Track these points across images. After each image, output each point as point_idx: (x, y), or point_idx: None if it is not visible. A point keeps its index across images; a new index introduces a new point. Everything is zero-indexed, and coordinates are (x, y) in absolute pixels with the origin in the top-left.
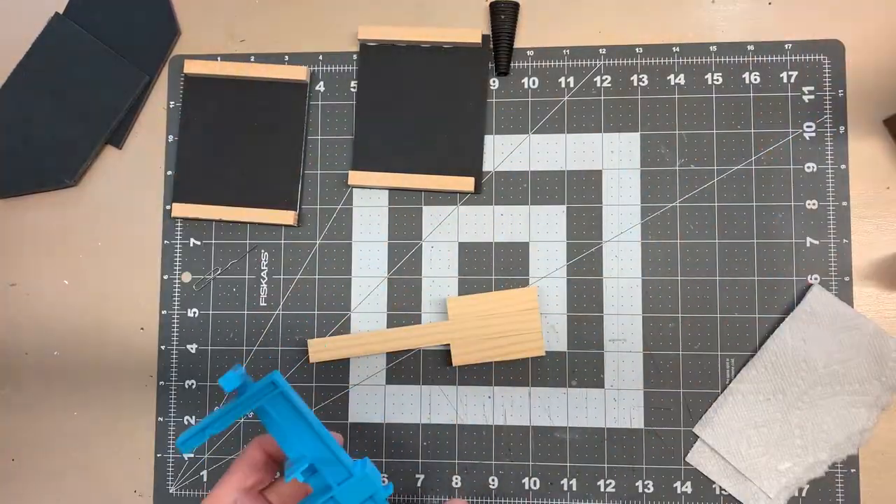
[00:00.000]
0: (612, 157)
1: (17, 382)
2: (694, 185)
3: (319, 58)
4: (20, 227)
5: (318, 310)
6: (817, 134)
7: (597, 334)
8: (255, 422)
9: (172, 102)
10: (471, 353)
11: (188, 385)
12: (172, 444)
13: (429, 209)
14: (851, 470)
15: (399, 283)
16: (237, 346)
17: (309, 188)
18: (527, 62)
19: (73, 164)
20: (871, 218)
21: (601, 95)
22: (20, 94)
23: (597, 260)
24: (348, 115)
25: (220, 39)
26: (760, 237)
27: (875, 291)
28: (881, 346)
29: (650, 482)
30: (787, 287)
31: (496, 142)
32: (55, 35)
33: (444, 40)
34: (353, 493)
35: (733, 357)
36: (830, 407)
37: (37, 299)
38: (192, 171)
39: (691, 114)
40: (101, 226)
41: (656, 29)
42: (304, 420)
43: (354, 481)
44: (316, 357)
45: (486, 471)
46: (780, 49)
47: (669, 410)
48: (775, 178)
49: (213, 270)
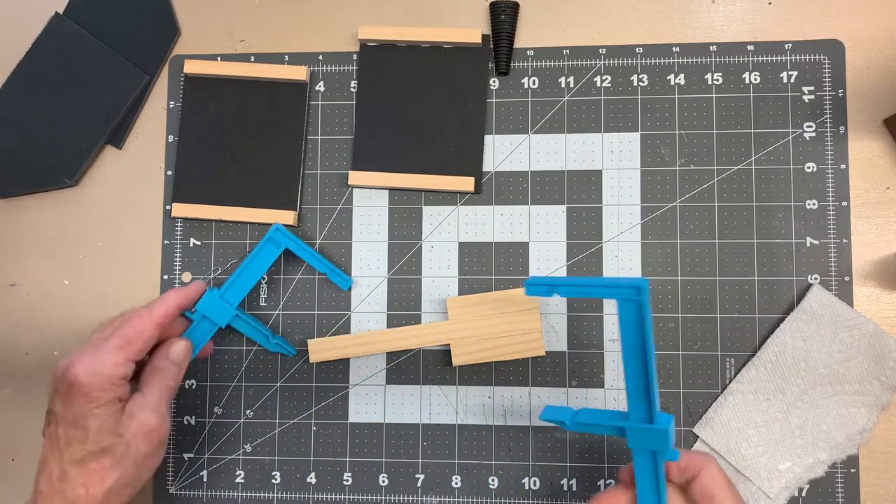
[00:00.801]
0: (612, 157)
1: (17, 382)
2: (694, 185)
3: (319, 58)
4: (20, 227)
5: (318, 310)
6: (817, 134)
7: (597, 334)
8: (256, 421)
9: (172, 102)
10: (471, 353)
11: (188, 385)
12: (172, 444)
13: (429, 209)
14: (851, 470)
15: (399, 283)
16: (237, 346)
17: (309, 188)
18: (527, 62)
19: (73, 164)
20: (871, 218)
21: (601, 95)
22: (20, 94)
23: (597, 260)
24: (348, 115)
25: (220, 39)
26: (760, 237)
27: (875, 291)
28: (881, 346)
29: None
30: (787, 287)
31: (496, 142)
32: (55, 35)
33: (444, 40)
34: (642, 437)
35: (733, 357)
36: (830, 407)
37: (37, 299)
38: (192, 171)
39: (691, 114)
40: (101, 226)
41: (656, 29)
42: (645, 344)
43: (651, 429)
44: (316, 357)
45: (486, 471)
46: (780, 49)
47: (669, 410)
48: (775, 178)
49: (213, 270)
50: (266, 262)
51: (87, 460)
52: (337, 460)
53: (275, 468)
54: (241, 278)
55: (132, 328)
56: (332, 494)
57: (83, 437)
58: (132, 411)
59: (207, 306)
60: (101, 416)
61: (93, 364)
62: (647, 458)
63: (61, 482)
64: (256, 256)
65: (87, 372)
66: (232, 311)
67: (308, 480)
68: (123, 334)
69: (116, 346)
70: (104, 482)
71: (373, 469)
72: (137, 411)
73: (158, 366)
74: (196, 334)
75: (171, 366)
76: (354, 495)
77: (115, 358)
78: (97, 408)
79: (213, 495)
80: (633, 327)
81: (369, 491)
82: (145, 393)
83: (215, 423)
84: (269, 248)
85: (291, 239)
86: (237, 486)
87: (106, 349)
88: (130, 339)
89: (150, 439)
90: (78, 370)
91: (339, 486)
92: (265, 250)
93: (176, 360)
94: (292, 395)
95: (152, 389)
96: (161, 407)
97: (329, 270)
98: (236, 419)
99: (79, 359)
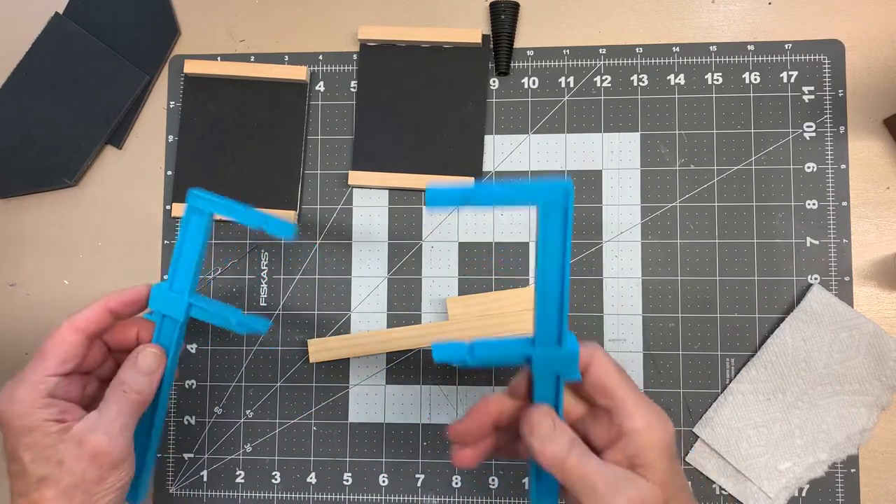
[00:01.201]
0: (612, 157)
1: None
2: (694, 185)
3: (319, 58)
4: (20, 227)
5: (318, 310)
6: (817, 134)
7: (597, 334)
8: (256, 421)
9: (172, 102)
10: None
11: (188, 385)
12: (172, 444)
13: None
14: (851, 470)
15: (399, 283)
16: (237, 346)
17: (309, 188)
18: (527, 62)
19: (73, 164)
20: (871, 218)
21: (601, 95)
22: (20, 94)
23: (597, 260)
24: (348, 115)
25: (220, 39)
26: (760, 237)
27: (875, 291)
28: (881, 346)
29: None
30: (787, 287)
31: (496, 142)
32: (55, 35)
33: (444, 40)
34: (549, 363)
35: (733, 357)
36: (830, 407)
37: (37, 299)
38: (192, 172)
39: (691, 114)
40: (101, 226)
41: (656, 29)
42: (565, 256)
43: (561, 354)
44: (316, 357)
45: (485, 471)
46: (780, 49)
47: (669, 410)
48: (775, 178)
49: (213, 270)
50: (198, 236)
51: (30, 492)
52: (337, 460)
53: (275, 468)
54: (179, 263)
55: (48, 341)
56: (332, 494)
57: (21, 471)
58: (78, 433)
59: (160, 302)
60: (31, 444)
61: (8, 391)
62: (551, 381)
63: None
64: (185, 233)
65: (4, 401)
66: (185, 301)
67: (308, 480)
68: (40, 350)
69: (32, 365)
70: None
71: (373, 469)
72: (85, 433)
73: (123, 378)
74: (163, 337)
75: (139, 377)
76: (354, 495)
77: (31, 377)
78: (23, 436)
79: (213, 495)
80: (555, 236)
81: (369, 491)
82: (101, 410)
83: (215, 423)
84: (195, 220)
85: (212, 199)
86: (237, 486)
87: (25, 371)
88: (45, 353)
89: (99, 462)
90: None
91: (340, 486)
92: (192, 223)
93: (145, 369)
94: (292, 395)
95: (110, 405)
96: (115, 425)
97: (265, 222)
98: (236, 419)
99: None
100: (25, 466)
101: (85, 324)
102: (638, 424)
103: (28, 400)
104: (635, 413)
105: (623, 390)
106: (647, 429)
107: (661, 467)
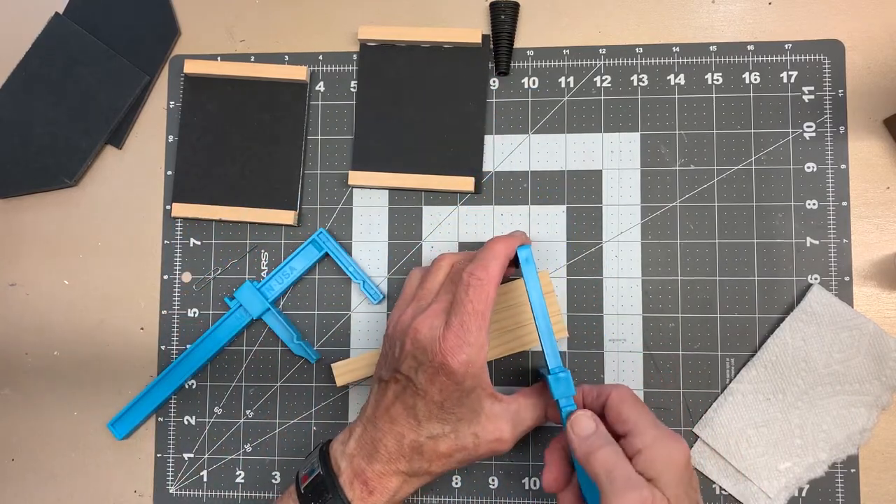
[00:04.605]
0: (612, 157)
1: (17, 382)
2: (694, 185)
3: (319, 58)
4: (20, 227)
5: (318, 310)
6: (817, 134)
7: (597, 334)
8: (256, 421)
9: (172, 102)
10: (497, 348)
11: (188, 385)
12: (172, 444)
13: (429, 209)
14: (851, 470)
15: (399, 283)
16: (237, 346)
17: (309, 188)
18: (527, 62)
19: (73, 164)
20: (871, 218)
21: (601, 95)
22: (20, 94)
23: (597, 260)
24: (348, 115)
25: (220, 39)
26: (760, 237)
27: (875, 291)
28: (881, 346)
29: None
30: (787, 287)
31: (496, 142)
32: (55, 35)
33: (444, 40)
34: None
35: (733, 357)
36: (830, 407)
37: (37, 299)
38: (192, 171)
39: (691, 114)
40: (101, 226)
41: (656, 29)
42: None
43: (551, 380)
44: (343, 380)
45: (486, 471)
46: (780, 49)
47: (669, 410)
48: (775, 178)
49: (214, 270)
50: (305, 263)
51: (439, 443)
52: None
53: (275, 468)
54: (279, 274)
55: (482, 301)
56: None
57: (446, 427)
58: (494, 414)
59: (245, 296)
60: (467, 404)
61: (465, 352)
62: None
63: (412, 451)
64: (297, 256)
65: (462, 363)
66: (266, 305)
67: None
68: (479, 311)
69: (477, 325)
70: (443, 468)
71: None
72: (497, 418)
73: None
74: (231, 322)
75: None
76: None
77: (479, 339)
78: (465, 396)
79: (213, 495)
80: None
81: None
82: (514, 406)
83: (215, 423)
84: (310, 250)
85: (333, 245)
86: (237, 486)
87: (468, 329)
88: (485, 313)
89: (494, 449)
90: (452, 359)
91: None
92: (306, 251)
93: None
94: (292, 395)
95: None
96: (518, 430)
97: (363, 281)
98: (236, 419)
99: (445, 338)
100: (452, 425)
101: (500, 278)
102: (647, 440)
103: (481, 366)
104: (646, 432)
105: (636, 414)
106: (655, 444)
107: (669, 481)
